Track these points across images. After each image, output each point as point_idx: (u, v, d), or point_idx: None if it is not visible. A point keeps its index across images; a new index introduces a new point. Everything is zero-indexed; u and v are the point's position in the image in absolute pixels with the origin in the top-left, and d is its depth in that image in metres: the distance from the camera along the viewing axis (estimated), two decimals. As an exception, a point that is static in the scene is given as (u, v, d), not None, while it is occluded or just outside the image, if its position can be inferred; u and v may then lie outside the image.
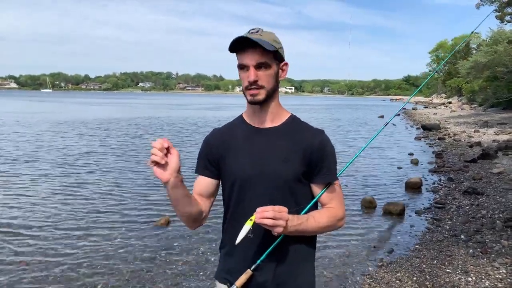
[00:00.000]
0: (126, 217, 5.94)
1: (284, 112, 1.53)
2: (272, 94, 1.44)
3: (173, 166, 1.29)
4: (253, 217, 1.26)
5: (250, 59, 1.37)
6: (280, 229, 1.26)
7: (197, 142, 14.63)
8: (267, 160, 1.44)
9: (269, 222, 1.24)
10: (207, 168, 1.54)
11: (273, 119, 1.49)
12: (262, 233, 1.35)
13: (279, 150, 1.45)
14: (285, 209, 1.28)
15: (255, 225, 1.28)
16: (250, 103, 1.43)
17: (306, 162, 1.44)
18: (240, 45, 1.38)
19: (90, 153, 11.70)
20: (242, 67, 1.40)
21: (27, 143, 13.55)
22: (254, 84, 1.38)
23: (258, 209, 1.25)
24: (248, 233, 1.28)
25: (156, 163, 1.27)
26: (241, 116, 1.57)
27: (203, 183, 1.55)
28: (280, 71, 1.47)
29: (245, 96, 1.44)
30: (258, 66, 1.38)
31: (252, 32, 1.40)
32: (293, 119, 1.53)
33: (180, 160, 1.31)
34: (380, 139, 14.76)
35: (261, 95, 1.40)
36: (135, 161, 10.61)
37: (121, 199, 6.87)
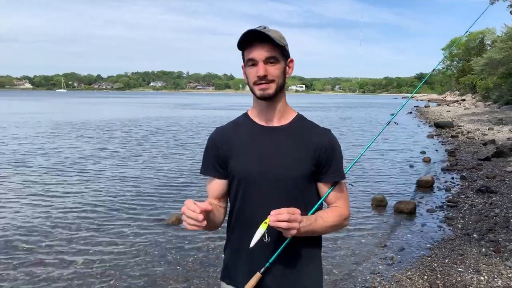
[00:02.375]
0: (137, 215, 6.01)
1: (291, 111, 1.51)
2: (280, 90, 1.43)
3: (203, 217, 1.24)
4: (267, 220, 1.24)
5: (259, 53, 1.35)
6: (294, 232, 1.25)
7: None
8: (274, 160, 1.42)
9: (284, 225, 1.22)
10: (216, 169, 1.51)
11: (280, 118, 1.47)
12: (270, 234, 1.31)
13: (287, 151, 1.43)
14: (298, 211, 1.27)
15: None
16: (260, 98, 1.41)
17: (315, 162, 1.43)
18: (248, 40, 1.36)
19: (102, 152, 11.85)
20: (250, 62, 1.38)
21: (47, 140, 13.80)
22: (264, 79, 1.37)
23: (273, 212, 1.23)
24: (263, 236, 1.26)
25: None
26: (246, 114, 1.55)
27: (216, 186, 1.53)
28: (287, 67, 1.45)
29: (254, 92, 1.42)
30: (267, 61, 1.36)
31: (258, 29, 1.39)
32: (299, 118, 1.51)
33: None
34: (391, 137, 14.64)
35: (271, 89, 1.38)
36: (145, 159, 10.72)
37: (132, 198, 6.96)
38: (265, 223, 1.25)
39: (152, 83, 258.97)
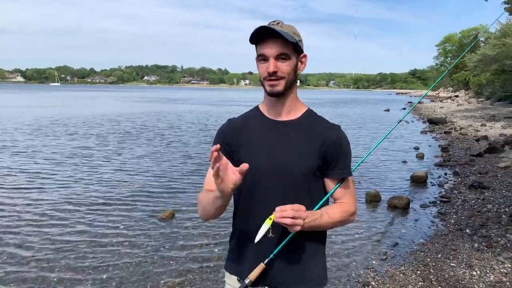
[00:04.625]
0: (131, 210, 5.97)
1: (301, 106, 1.53)
2: (290, 86, 1.44)
3: (235, 183, 1.21)
4: (272, 216, 1.26)
5: (271, 49, 1.36)
6: (298, 228, 1.26)
7: (192, 138, 14.67)
8: (282, 154, 1.43)
9: (288, 221, 1.24)
10: (225, 156, 1.50)
11: (289, 112, 1.49)
12: (275, 227, 1.34)
13: (295, 144, 1.44)
14: (303, 207, 1.28)
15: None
16: (270, 94, 1.42)
17: (322, 156, 1.44)
18: (261, 36, 1.37)
19: (94, 146, 11.76)
20: (261, 57, 1.39)
21: (39, 133, 13.66)
22: (273, 75, 1.38)
23: (277, 208, 1.25)
24: (267, 232, 1.28)
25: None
26: (257, 108, 1.56)
27: None
28: (299, 63, 1.46)
29: (264, 87, 1.43)
30: (278, 57, 1.37)
31: (272, 24, 1.39)
32: (309, 113, 1.53)
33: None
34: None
35: (280, 86, 1.40)
36: (138, 154, 10.65)
37: (125, 192, 6.91)
38: (270, 219, 1.27)
39: (146, 77, 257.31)
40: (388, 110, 31.57)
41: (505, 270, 3.81)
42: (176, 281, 3.82)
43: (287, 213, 1.24)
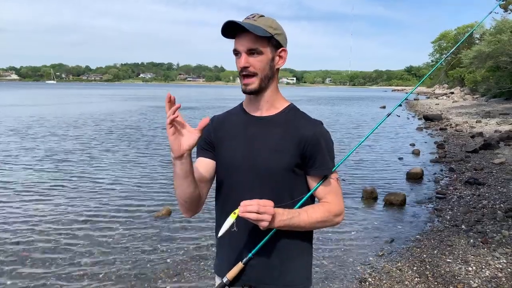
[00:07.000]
0: (127, 208, 5.96)
1: (282, 101, 1.47)
2: (267, 82, 1.39)
3: (190, 142, 1.26)
4: (237, 211, 1.22)
5: (241, 44, 1.34)
6: (265, 224, 1.21)
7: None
8: (259, 150, 1.40)
9: (252, 216, 1.19)
10: (205, 148, 1.50)
11: (269, 108, 1.44)
12: (254, 226, 1.27)
13: (272, 140, 1.40)
14: (270, 203, 1.24)
15: (241, 219, 1.23)
16: (244, 92, 1.40)
17: (299, 153, 1.38)
18: (231, 31, 1.34)
19: (90, 145, 11.71)
20: (235, 52, 1.38)
21: (35, 135, 13.56)
22: (245, 70, 1.35)
23: (242, 203, 1.21)
24: (231, 226, 1.24)
25: (173, 125, 1.23)
26: (240, 104, 1.55)
27: (202, 165, 1.49)
28: (278, 58, 1.40)
29: (241, 84, 1.42)
30: (250, 52, 1.34)
31: (248, 18, 1.37)
32: (291, 109, 1.47)
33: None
34: (381, 130, 14.72)
35: (254, 84, 1.36)
36: (135, 152, 10.62)
37: (122, 190, 6.89)
38: (234, 213, 1.23)
39: (141, 75, 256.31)
40: (384, 107, 31.64)
41: (501, 266, 3.84)
42: (173, 279, 3.82)
43: (251, 208, 1.19)
